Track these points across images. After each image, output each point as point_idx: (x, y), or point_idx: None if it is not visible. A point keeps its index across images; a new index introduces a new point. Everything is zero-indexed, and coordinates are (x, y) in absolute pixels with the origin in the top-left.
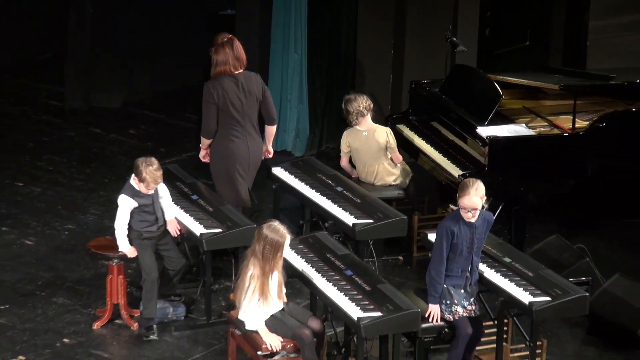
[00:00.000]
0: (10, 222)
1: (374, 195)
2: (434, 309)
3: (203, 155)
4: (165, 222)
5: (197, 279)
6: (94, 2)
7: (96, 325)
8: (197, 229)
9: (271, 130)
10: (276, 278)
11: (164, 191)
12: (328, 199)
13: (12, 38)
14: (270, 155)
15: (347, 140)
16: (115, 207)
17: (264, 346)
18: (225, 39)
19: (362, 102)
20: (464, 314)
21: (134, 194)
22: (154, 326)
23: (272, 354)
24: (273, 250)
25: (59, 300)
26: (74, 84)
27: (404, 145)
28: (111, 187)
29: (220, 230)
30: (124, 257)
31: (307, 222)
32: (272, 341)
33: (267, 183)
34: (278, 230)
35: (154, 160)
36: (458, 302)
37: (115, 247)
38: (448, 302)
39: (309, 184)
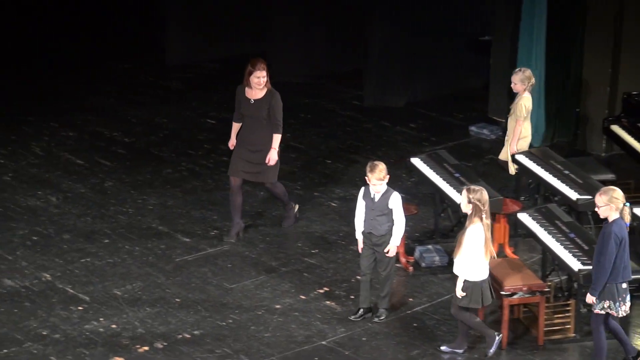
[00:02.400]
0: (321, 188)
1: (592, 177)
2: None
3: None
4: (384, 235)
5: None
6: (384, 29)
7: None
8: (459, 198)
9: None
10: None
11: (394, 202)
12: (557, 179)
13: (325, 57)
14: None
15: (527, 105)
16: (396, 181)
17: (506, 286)
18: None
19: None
20: None
21: (365, 192)
22: (360, 310)
23: (513, 294)
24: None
25: (354, 247)
26: (370, 89)
27: (616, 140)
28: (395, 166)
29: None
30: None
31: (541, 197)
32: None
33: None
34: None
35: (376, 164)
36: None
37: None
38: None
39: (543, 168)
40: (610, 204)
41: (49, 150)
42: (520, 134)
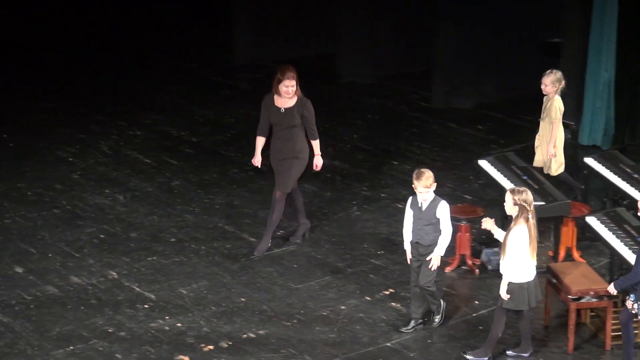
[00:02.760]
0: (388, 190)
1: None
2: None
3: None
4: (431, 245)
5: None
6: (453, 30)
7: (447, 270)
8: None
9: None
10: None
11: (442, 212)
12: (626, 182)
13: (393, 58)
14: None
15: (560, 107)
16: (462, 182)
17: (573, 290)
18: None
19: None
20: None
21: (412, 201)
22: (411, 322)
23: (580, 298)
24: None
25: None
26: (438, 90)
27: None
28: (462, 168)
29: (543, 202)
30: (470, 220)
31: (609, 200)
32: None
33: (580, 169)
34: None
35: (422, 171)
36: None
37: (465, 212)
38: None
39: (612, 171)
40: None
41: (117, 149)
42: (557, 136)
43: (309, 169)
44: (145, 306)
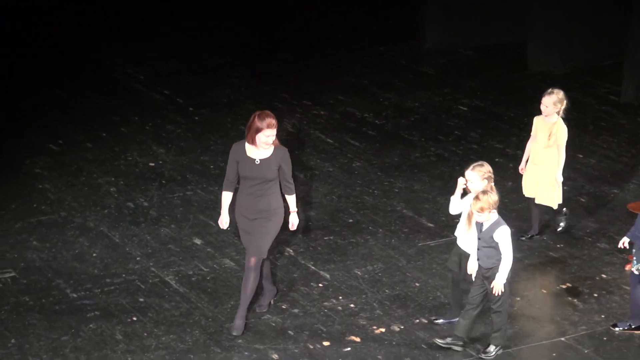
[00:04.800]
0: (570, 183)
1: None
2: None
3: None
4: (491, 269)
5: None
6: None
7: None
8: None
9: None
10: None
11: (500, 237)
12: None
13: (585, 49)
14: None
15: (566, 130)
16: None
17: None
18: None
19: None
20: None
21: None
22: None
23: None
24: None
25: (600, 245)
26: (629, 84)
27: None
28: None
29: None
30: None
31: None
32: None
33: None
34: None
35: (480, 197)
36: None
37: None
38: None
39: None
40: None
41: (299, 128)
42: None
43: (284, 229)
44: (320, 285)
